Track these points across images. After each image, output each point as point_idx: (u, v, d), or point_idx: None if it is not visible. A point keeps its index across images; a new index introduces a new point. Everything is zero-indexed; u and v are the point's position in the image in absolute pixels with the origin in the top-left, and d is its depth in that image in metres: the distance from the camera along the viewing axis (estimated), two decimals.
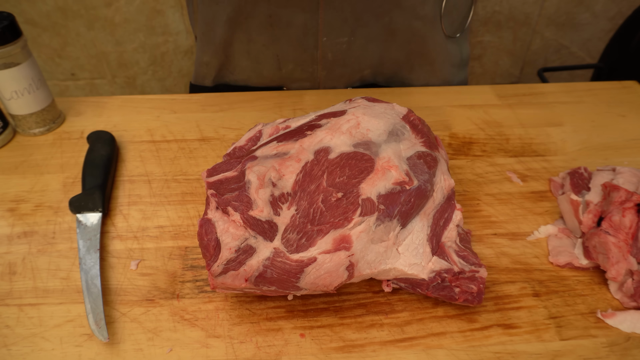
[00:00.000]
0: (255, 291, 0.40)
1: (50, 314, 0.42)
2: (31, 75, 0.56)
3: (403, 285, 0.42)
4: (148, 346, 0.40)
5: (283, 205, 0.39)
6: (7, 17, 0.52)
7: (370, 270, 0.39)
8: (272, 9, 0.62)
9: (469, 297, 0.40)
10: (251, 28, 0.65)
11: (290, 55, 0.67)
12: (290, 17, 0.63)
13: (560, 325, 0.42)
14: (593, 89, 0.70)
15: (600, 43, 1.48)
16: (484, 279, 0.40)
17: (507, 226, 0.50)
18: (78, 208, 0.49)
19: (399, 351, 0.40)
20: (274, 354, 0.39)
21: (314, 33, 0.64)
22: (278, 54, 0.67)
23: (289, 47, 0.66)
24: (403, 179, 0.41)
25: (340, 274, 0.38)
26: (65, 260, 0.46)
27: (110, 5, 1.35)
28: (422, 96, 0.68)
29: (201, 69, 0.73)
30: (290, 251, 0.38)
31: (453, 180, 0.46)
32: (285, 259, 0.38)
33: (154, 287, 0.44)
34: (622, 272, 0.43)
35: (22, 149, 0.58)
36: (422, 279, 0.41)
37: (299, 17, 0.63)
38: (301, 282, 0.38)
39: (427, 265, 0.41)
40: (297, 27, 0.64)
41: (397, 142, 0.44)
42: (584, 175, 0.52)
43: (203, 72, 0.73)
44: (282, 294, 0.40)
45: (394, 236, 0.40)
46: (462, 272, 0.41)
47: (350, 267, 0.38)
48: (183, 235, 0.49)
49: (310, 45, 0.66)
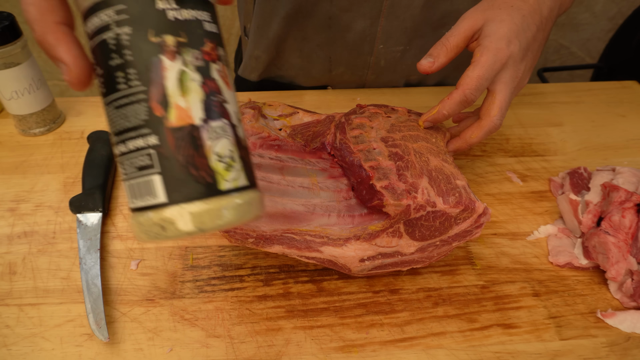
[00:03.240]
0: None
1: (51, 314, 0.42)
2: (31, 75, 0.56)
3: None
4: (148, 346, 0.40)
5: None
6: (7, 17, 0.52)
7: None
8: (333, 11, 0.61)
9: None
10: (308, 27, 0.64)
11: (343, 59, 0.67)
12: (350, 21, 0.62)
13: (560, 325, 0.42)
14: (593, 89, 0.70)
15: (600, 43, 1.48)
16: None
17: (507, 226, 0.51)
18: (78, 208, 0.49)
19: (399, 351, 0.40)
20: (274, 354, 0.40)
21: (371, 40, 0.64)
22: (331, 55, 0.67)
23: (343, 51, 0.66)
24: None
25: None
26: (66, 260, 0.46)
27: None
28: (422, 96, 0.68)
29: (250, 62, 0.72)
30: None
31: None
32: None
33: (154, 287, 0.44)
34: (621, 272, 0.43)
35: (22, 149, 0.58)
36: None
37: (359, 23, 0.62)
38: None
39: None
40: (355, 32, 0.63)
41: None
42: (583, 175, 0.52)
43: (252, 65, 0.72)
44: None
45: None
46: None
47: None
48: None
49: (365, 51, 0.65)
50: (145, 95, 0.23)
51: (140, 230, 0.25)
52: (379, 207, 0.40)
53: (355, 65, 0.68)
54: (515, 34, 0.43)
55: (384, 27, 0.62)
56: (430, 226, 0.40)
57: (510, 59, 0.44)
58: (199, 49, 0.24)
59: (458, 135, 0.48)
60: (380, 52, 0.65)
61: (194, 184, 0.24)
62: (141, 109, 0.24)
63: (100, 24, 0.24)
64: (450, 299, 0.44)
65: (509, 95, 0.45)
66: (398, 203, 0.38)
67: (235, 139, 0.25)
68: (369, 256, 0.40)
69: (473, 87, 0.43)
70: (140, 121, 0.24)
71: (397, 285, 0.45)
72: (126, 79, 0.24)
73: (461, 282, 0.45)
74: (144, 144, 0.24)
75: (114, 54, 0.24)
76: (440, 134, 0.47)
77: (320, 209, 0.42)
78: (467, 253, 0.48)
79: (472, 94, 0.43)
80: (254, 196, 0.26)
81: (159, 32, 0.24)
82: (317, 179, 0.44)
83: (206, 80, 0.24)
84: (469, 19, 0.45)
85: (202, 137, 0.24)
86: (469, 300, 0.44)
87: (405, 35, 0.63)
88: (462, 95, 0.43)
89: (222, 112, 0.25)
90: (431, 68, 0.45)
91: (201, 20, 0.25)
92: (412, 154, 0.42)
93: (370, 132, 0.44)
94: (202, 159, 0.24)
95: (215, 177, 0.24)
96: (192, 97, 0.24)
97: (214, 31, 0.26)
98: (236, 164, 0.25)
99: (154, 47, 0.23)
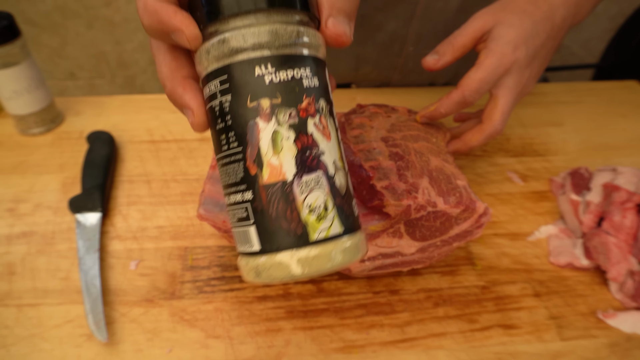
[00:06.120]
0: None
1: (50, 315, 0.42)
2: (30, 75, 0.56)
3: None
4: (147, 347, 0.40)
5: None
6: (6, 17, 0.52)
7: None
8: (366, 10, 0.61)
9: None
10: None
11: (372, 59, 0.66)
12: (383, 21, 0.62)
13: (561, 326, 0.42)
14: (594, 89, 0.70)
15: (601, 43, 1.48)
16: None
17: (507, 226, 0.50)
18: (77, 208, 0.49)
19: (399, 352, 0.40)
20: (273, 354, 0.39)
21: (401, 41, 0.63)
22: (359, 54, 0.66)
23: (372, 50, 0.65)
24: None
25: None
26: (65, 261, 0.46)
27: (110, 4, 1.35)
28: (422, 96, 0.68)
29: None
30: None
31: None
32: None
33: (154, 287, 0.44)
34: (622, 272, 0.43)
35: (21, 149, 0.58)
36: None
37: (391, 23, 0.62)
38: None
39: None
40: (387, 33, 0.63)
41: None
42: (584, 175, 0.52)
43: None
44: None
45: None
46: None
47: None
48: (182, 235, 0.49)
49: (394, 53, 0.65)
50: (242, 155, 0.26)
51: (242, 271, 0.28)
52: (380, 207, 0.40)
53: (382, 65, 0.67)
54: (524, 39, 0.43)
55: (416, 30, 0.62)
56: (431, 226, 0.40)
57: (515, 65, 0.43)
58: (295, 107, 0.25)
59: (459, 136, 0.48)
60: (410, 54, 0.65)
61: (285, 235, 0.25)
62: (239, 168, 0.26)
63: (209, 93, 0.27)
64: (451, 300, 0.44)
65: (512, 100, 0.45)
66: (398, 203, 0.38)
67: (330, 189, 0.26)
68: (370, 256, 0.40)
69: (473, 89, 0.43)
70: (239, 178, 0.26)
71: (398, 285, 0.45)
72: (228, 141, 0.26)
73: (462, 283, 0.45)
74: (241, 198, 0.26)
75: (219, 119, 0.26)
76: (440, 134, 0.47)
77: None
78: (467, 253, 0.48)
79: (472, 96, 0.43)
80: (346, 241, 0.26)
81: (255, 98, 0.25)
82: None
83: (300, 136, 0.26)
84: (479, 19, 0.44)
85: (293, 191, 0.25)
86: (469, 300, 0.44)
87: (437, 39, 0.63)
88: (460, 96, 0.43)
89: (316, 165, 0.26)
90: (436, 65, 0.44)
91: (299, 77, 0.26)
92: (412, 153, 0.42)
93: (370, 132, 0.44)
94: (293, 212, 0.25)
95: (306, 229, 0.25)
96: (285, 154, 0.25)
97: (314, 85, 0.26)
98: (330, 213, 0.26)
99: (251, 112, 0.25)
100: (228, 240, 0.41)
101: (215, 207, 0.40)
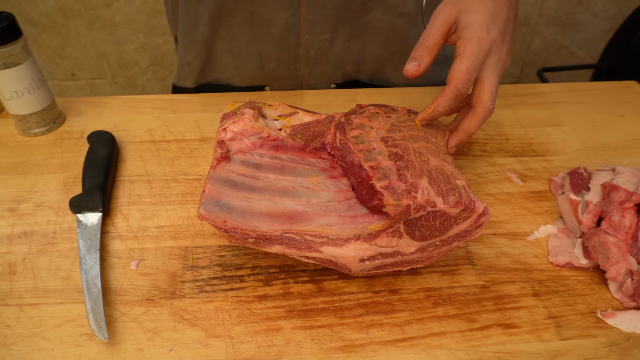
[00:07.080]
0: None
1: (51, 314, 0.42)
2: (31, 75, 0.56)
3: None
4: (148, 346, 0.40)
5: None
6: (7, 17, 0.52)
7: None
8: (253, 6, 0.62)
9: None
10: (233, 25, 0.65)
11: (273, 53, 0.67)
12: (272, 14, 0.63)
13: (560, 325, 0.42)
14: (593, 89, 0.70)
15: (600, 43, 1.48)
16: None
17: (507, 226, 0.51)
18: (78, 208, 0.49)
19: (399, 351, 0.40)
20: (274, 354, 0.40)
21: (296, 31, 0.64)
22: (260, 52, 0.67)
23: (271, 45, 0.66)
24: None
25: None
26: (66, 260, 0.46)
27: (111, 5, 1.35)
28: (422, 96, 0.68)
29: (183, 70, 0.72)
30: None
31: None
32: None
33: (154, 287, 0.44)
34: (621, 272, 0.43)
35: (22, 149, 0.58)
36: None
37: (280, 15, 0.63)
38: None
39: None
40: (279, 25, 0.64)
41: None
42: (583, 175, 0.52)
43: (186, 72, 0.72)
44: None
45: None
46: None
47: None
48: (183, 235, 0.49)
49: (293, 43, 0.66)
50: None
51: None
52: (379, 207, 0.40)
53: (285, 59, 0.68)
54: (492, 19, 0.44)
55: (307, 17, 0.63)
56: (430, 226, 0.40)
57: (494, 45, 0.44)
58: None
59: (456, 129, 0.49)
60: (308, 43, 0.66)
61: None
62: None
63: None
64: (450, 299, 0.44)
65: (497, 78, 0.46)
66: (398, 203, 0.38)
67: None
68: (369, 256, 0.40)
69: (465, 80, 0.43)
70: None
71: (397, 285, 0.45)
72: None
73: (461, 282, 0.45)
74: None
75: None
76: (439, 134, 0.47)
77: (320, 209, 0.42)
78: (467, 253, 0.48)
79: (465, 87, 0.44)
80: None
81: None
82: (317, 179, 0.44)
83: None
84: (442, 14, 0.45)
85: None
86: (469, 300, 0.44)
87: (330, 23, 0.64)
88: (455, 90, 0.44)
89: None
90: (418, 71, 0.45)
91: None
92: (412, 153, 0.42)
93: (370, 132, 0.45)
94: None
95: None
96: None
97: None
98: None
99: None
100: (229, 240, 0.41)
101: (216, 207, 0.40)
